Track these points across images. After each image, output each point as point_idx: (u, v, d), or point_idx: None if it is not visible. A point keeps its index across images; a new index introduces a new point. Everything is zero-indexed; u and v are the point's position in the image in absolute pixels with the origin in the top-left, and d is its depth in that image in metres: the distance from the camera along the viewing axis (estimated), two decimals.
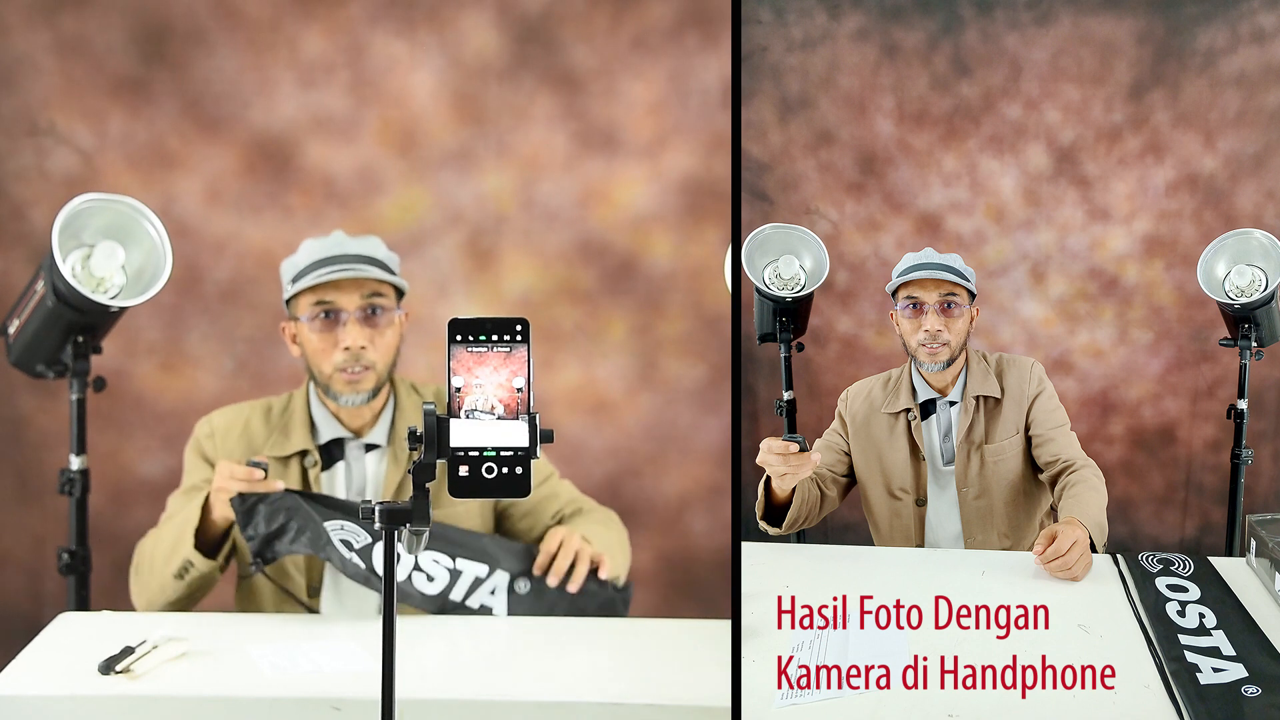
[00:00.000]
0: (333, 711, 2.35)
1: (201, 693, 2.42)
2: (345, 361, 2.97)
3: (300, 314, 3.00)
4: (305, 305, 2.99)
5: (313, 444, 3.03)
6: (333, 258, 2.99)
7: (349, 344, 2.97)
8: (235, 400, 3.16)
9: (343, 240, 3.01)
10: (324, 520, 2.83)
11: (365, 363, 2.98)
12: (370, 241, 3.04)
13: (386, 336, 3.00)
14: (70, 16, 3.79)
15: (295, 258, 3.04)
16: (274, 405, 3.10)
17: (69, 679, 2.45)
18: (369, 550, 2.83)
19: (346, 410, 3.03)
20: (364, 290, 2.98)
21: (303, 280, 2.98)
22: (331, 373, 2.99)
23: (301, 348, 3.03)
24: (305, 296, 2.99)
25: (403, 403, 3.07)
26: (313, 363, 3.01)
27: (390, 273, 3.02)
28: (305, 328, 2.99)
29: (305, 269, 2.99)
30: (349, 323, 2.97)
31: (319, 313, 2.98)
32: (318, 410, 3.06)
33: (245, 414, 3.09)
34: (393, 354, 3.03)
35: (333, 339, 2.98)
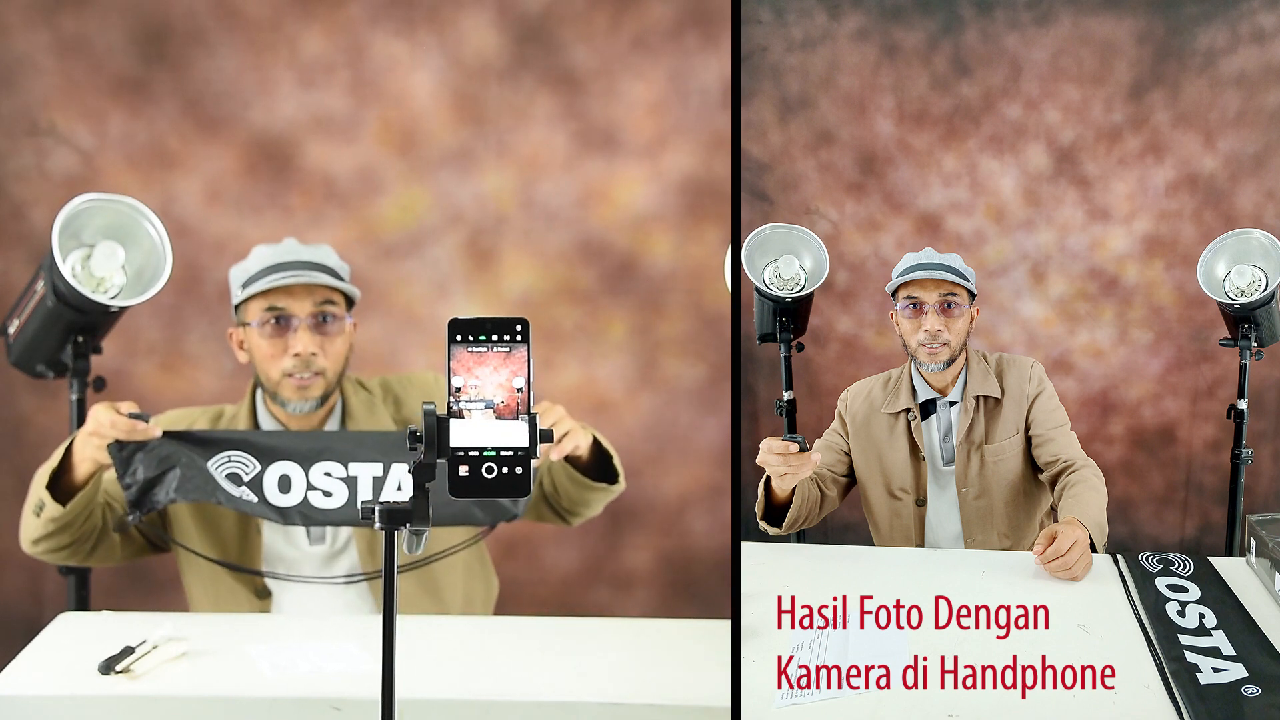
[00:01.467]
0: (333, 711, 2.35)
1: (201, 693, 2.42)
2: (295, 367, 2.98)
3: (250, 319, 3.00)
4: (256, 310, 3.00)
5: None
6: (285, 264, 3.00)
7: (299, 350, 2.97)
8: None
9: (295, 247, 3.03)
10: (209, 459, 2.82)
11: (315, 369, 2.99)
12: (322, 250, 3.06)
13: (336, 344, 3.01)
14: (70, 16, 3.79)
15: (246, 263, 3.04)
16: (226, 412, 3.11)
17: (69, 679, 2.45)
18: (260, 480, 2.83)
19: (295, 418, 3.03)
20: (316, 297, 2.99)
21: (254, 285, 2.98)
22: (280, 379, 3.00)
23: (249, 354, 3.04)
24: (256, 302, 3.00)
25: (351, 405, 3.07)
26: (260, 369, 3.02)
27: (341, 280, 3.03)
28: (255, 333, 3.00)
29: (256, 274, 3.00)
30: (300, 329, 2.98)
31: (270, 318, 2.99)
32: (264, 418, 3.06)
33: (193, 418, 3.10)
34: (342, 362, 3.04)
35: (283, 344, 2.99)
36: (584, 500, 3.00)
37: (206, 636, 2.63)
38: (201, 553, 2.97)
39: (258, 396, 3.08)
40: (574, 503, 3.01)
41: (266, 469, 2.84)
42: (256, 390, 3.09)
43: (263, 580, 3.01)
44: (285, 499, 2.85)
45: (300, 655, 2.56)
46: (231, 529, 3.00)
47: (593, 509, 3.05)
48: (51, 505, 2.85)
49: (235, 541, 3.00)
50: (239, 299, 3.02)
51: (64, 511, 2.85)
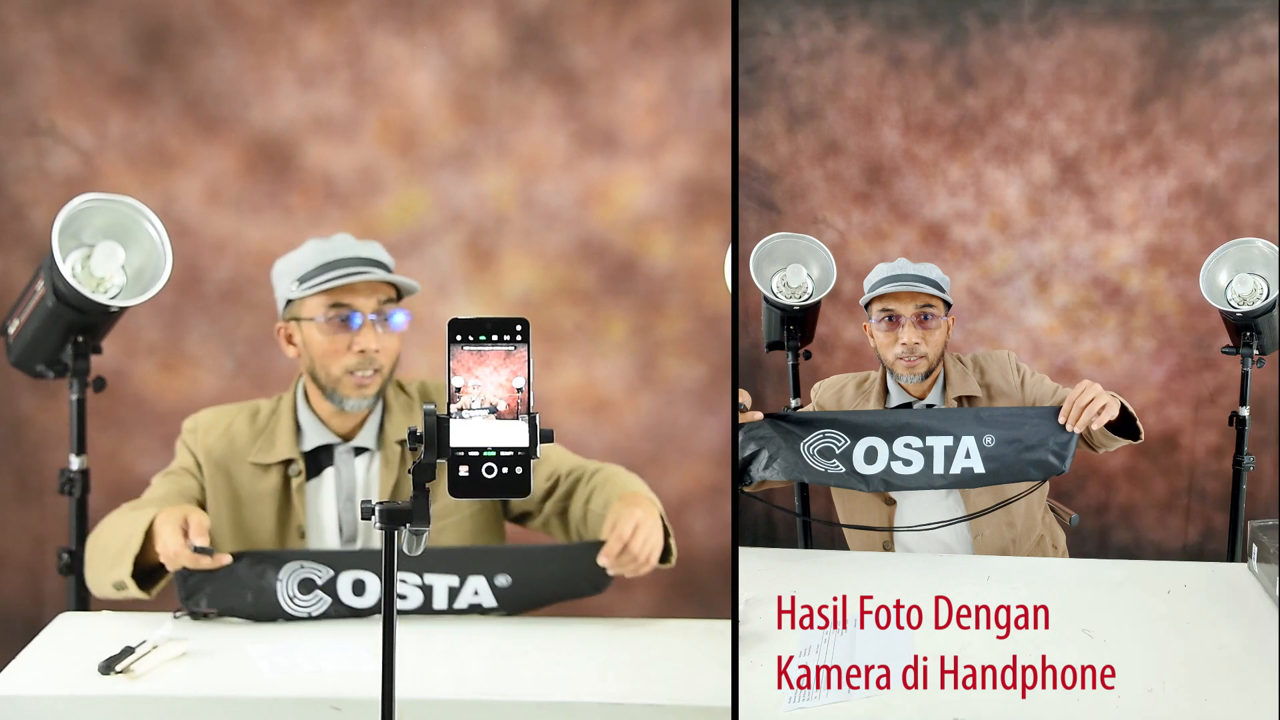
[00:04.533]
0: (333, 711, 2.35)
1: (201, 693, 2.41)
2: (358, 364, 2.94)
3: (309, 315, 2.97)
4: (317, 307, 2.96)
5: (298, 452, 3.00)
6: (344, 260, 2.96)
7: (364, 347, 2.93)
8: (235, 401, 3.15)
9: (351, 243, 2.99)
10: (281, 566, 2.78)
11: (375, 366, 2.96)
12: (373, 245, 3.02)
13: (394, 342, 2.99)
14: (70, 16, 3.77)
15: (299, 258, 3.00)
16: (262, 409, 3.06)
17: (69, 679, 2.44)
18: (333, 584, 2.78)
19: (338, 415, 3.01)
20: (379, 295, 2.97)
21: (315, 281, 2.94)
22: (340, 375, 2.95)
23: (304, 349, 2.99)
24: (317, 298, 2.96)
25: (390, 404, 3.05)
26: (319, 365, 2.97)
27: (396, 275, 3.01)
28: (314, 329, 2.96)
29: (314, 270, 2.96)
30: (364, 326, 2.96)
31: (334, 315, 2.95)
32: (305, 416, 3.03)
33: (231, 415, 3.05)
34: (395, 358, 3.00)
35: (345, 341, 2.94)
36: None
37: (206, 637, 2.63)
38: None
39: (299, 395, 3.04)
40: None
41: (341, 574, 2.83)
42: (298, 388, 3.05)
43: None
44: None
45: (300, 655, 2.56)
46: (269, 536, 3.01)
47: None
48: (135, 588, 2.80)
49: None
50: (295, 294, 2.98)
51: (145, 595, 2.82)
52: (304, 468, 2.99)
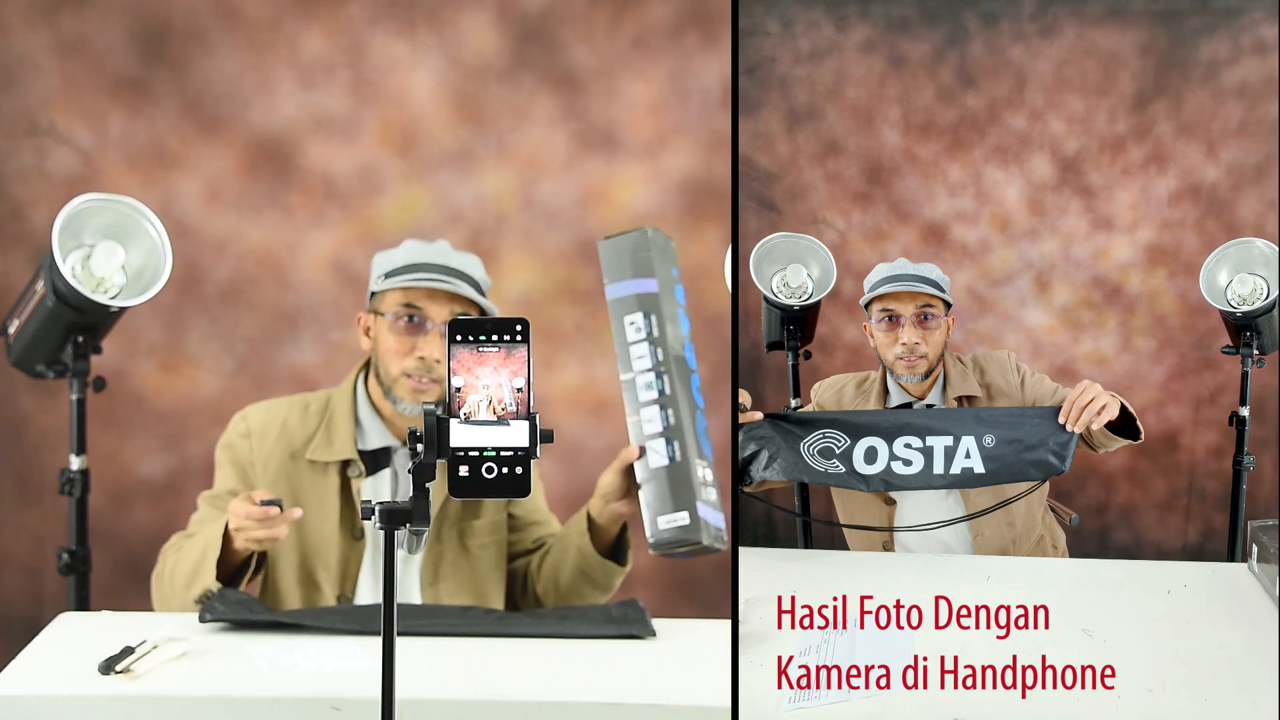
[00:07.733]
0: (333, 711, 2.35)
1: (201, 693, 2.40)
2: (417, 369, 2.90)
3: (384, 310, 2.94)
4: (392, 303, 2.93)
5: (356, 452, 2.96)
6: (432, 265, 2.93)
7: (425, 354, 2.90)
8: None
9: (446, 251, 2.96)
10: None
11: (436, 375, 2.93)
12: (471, 259, 2.98)
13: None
14: (70, 16, 3.77)
15: (393, 253, 2.97)
16: (311, 403, 3.02)
17: (69, 679, 2.43)
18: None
19: (401, 418, 2.97)
20: (457, 308, 2.92)
21: (398, 278, 2.92)
22: (398, 375, 2.91)
23: (374, 343, 2.97)
24: (394, 295, 2.92)
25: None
26: (382, 361, 2.94)
27: (483, 296, 2.96)
28: (385, 325, 2.93)
29: (402, 268, 2.93)
30: (432, 333, 2.93)
31: (405, 315, 2.91)
32: (367, 415, 3.00)
33: (283, 412, 3.00)
34: None
35: (411, 343, 2.90)
36: (598, 582, 2.96)
37: (207, 637, 2.63)
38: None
39: (360, 392, 3.01)
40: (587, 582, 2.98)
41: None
42: (359, 378, 3.02)
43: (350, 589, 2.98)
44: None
45: (300, 655, 2.55)
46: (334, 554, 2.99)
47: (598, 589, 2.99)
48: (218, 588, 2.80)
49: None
50: (377, 287, 2.95)
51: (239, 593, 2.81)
52: (364, 468, 2.96)
